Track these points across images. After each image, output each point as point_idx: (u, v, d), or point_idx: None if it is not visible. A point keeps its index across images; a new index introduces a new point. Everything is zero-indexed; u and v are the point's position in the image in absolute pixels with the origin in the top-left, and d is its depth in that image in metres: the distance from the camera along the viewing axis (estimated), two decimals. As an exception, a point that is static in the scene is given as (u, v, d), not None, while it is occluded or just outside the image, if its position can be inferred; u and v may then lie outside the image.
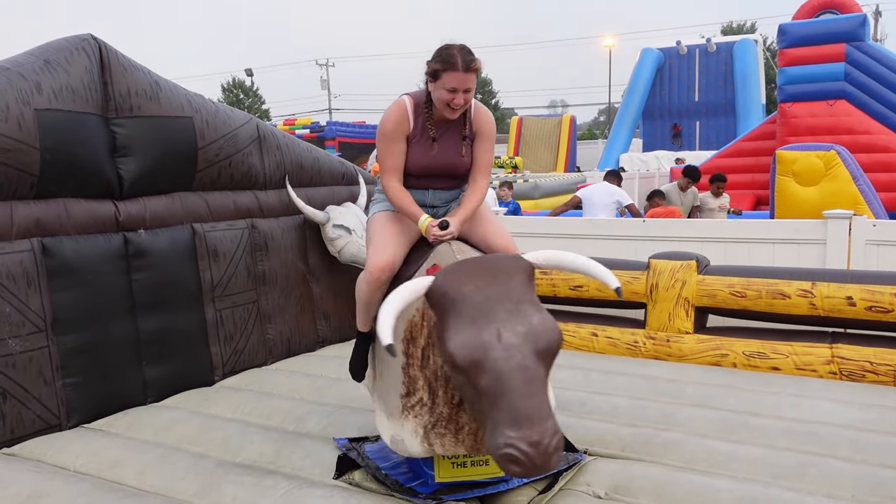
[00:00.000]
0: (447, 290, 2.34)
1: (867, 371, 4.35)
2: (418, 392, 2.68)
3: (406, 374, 2.71)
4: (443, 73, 2.89)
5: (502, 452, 2.10)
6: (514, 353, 2.17)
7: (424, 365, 2.66)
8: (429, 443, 2.66)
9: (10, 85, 3.55)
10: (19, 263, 3.57)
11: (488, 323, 2.23)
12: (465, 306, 2.28)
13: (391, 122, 3.01)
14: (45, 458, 3.37)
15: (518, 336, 2.21)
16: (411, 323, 2.70)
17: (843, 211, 5.74)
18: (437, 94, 2.94)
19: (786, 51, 12.67)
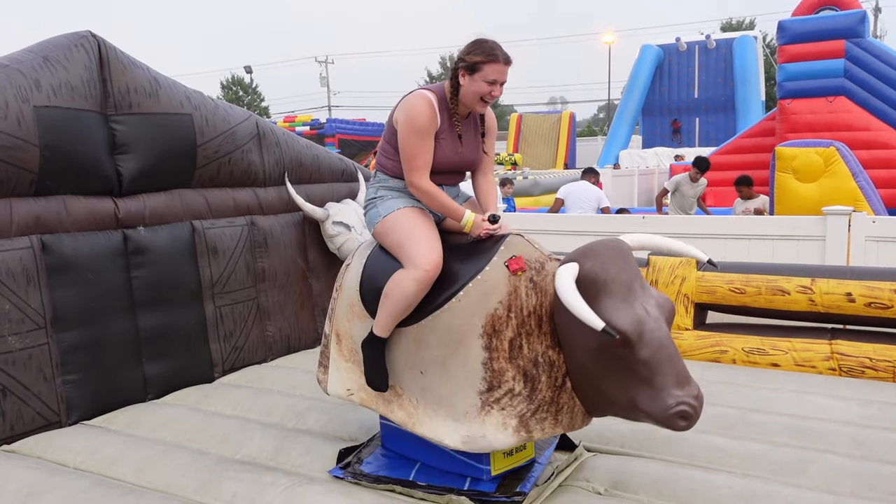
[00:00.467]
0: (598, 273, 2.55)
1: (866, 367, 4.35)
2: (506, 384, 2.69)
3: (489, 368, 2.69)
4: (484, 65, 2.87)
5: (676, 410, 2.42)
6: (662, 324, 2.50)
7: (515, 356, 2.69)
8: (527, 430, 2.69)
9: (10, 82, 3.55)
10: (19, 260, 3.57)
11: (635, 300, 2.52)
12: (616, 287, 2.53)
13: (425, 117, 2.89)
14: (45, 454, 3.38)
15: (656, 308, 2.52)
16: (493, 317, 2.69)
17: (842, 207, 5.74)
18: (475, 87, 2.90)
19: (785, 47, 12.65)
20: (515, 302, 2.70)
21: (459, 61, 2.92)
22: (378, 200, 3.09)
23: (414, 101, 2.93)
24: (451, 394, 2.79)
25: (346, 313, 3.13)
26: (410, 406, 2.92)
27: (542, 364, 2.70)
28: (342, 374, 3.17)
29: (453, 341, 2.75)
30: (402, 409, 2.95)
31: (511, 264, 2.73)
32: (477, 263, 2.80)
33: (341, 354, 3.17)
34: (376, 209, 3.07)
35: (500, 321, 2.69)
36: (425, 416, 2.87)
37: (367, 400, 3.09)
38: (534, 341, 2.70)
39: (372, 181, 3.20)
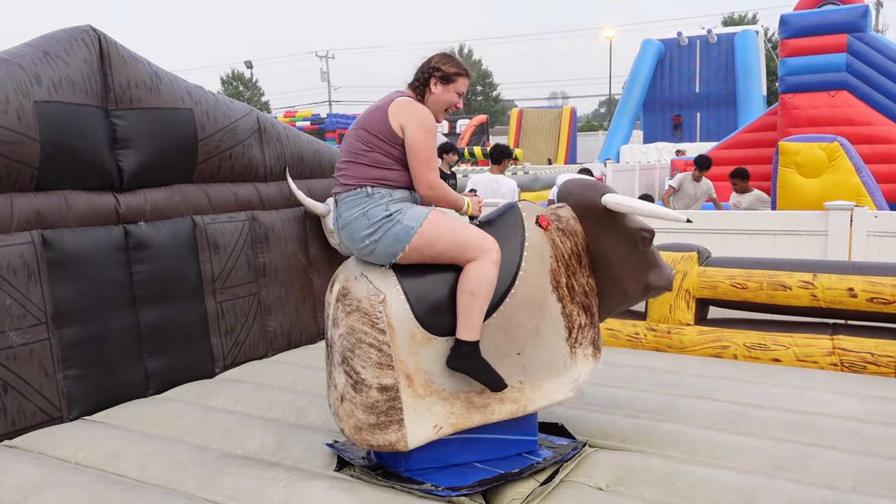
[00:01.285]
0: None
1: (868, 362, 4.35)
2: (576, 321, 3.12)
3: (565, 315, 3.08)
4: (458, 77, 3.06)
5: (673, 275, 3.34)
6: None
7: (573, 295, 3.12)
8: (599, 349, 3.19)
9: (10, 77, 3.54)
10: (20, 256, 3.56)
11: None
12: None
13: (433, 117, 3.01)
14: (46, 450, 3.38)
15: None
16: (553, 271, 3.06)
17: (844, 202, 5.73)
18: (447, 97, 3.06)
19: (787, 41, 12.61)
20: (558, 251, 3.09)
21: (435, 70, 3.03)
22: (397, 216, 2.91)
23: (417, 105, 2.99)
24: (550, 355, 3.06)
25: (408, 348, 2.89)
26: (515, 392, 3.01)
27: (589, 293, 3.18)
28: (424, 415, 2.90)
29: (538, 307, 3.02)
30: (505, 403, 2.99)
31: (542, 222, 3.10)
32: (515, 232, 3.07)
33: (416, 394, 2.90)
34: (401, 225, 2.88)
35: (557, 273, 3.07)
36: (533, 391, 3.03)
37: (458, 424, 2.94)
38: (579, 277, 3.15)
39: (369, 201, 2.94)
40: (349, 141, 3.04)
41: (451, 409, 2.94)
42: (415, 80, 3.08)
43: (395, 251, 2.89)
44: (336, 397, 2.96)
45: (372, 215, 2.91)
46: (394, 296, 2.89)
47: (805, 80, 12.48)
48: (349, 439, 2.93)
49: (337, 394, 2.95)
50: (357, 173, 2.96)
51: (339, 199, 3.02)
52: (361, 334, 2.86)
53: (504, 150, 8.43)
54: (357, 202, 2.94)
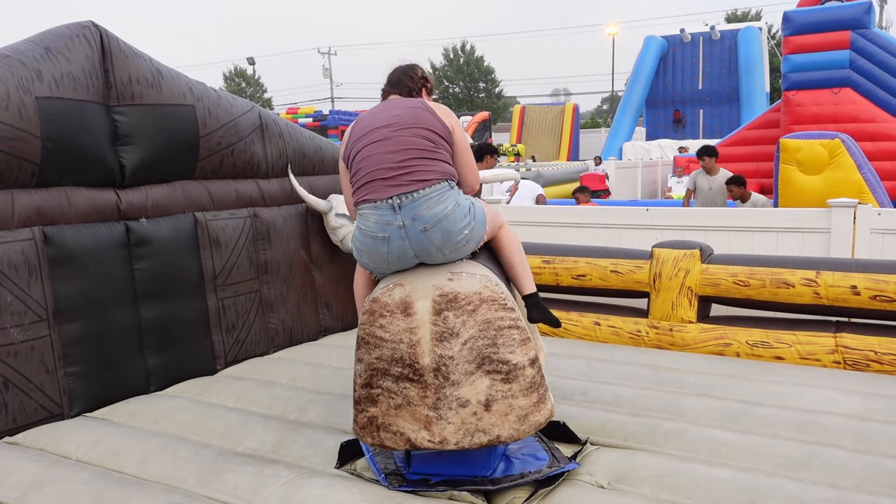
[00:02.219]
0: None
1: (871, 360, 4.34)
2: None
3: None
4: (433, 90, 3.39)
5: None
6: None
7: None
8: None
9: (11, 73, 3.53)
10: (20, 252, 3.56)
11: None
12: None
13: None
14: (47, 446, 3.38)
15: None
16: None
17: (847, 200, 5.71)
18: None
19: (790, 38, 12.58)
20: None
21: (426, 81, 3.33)
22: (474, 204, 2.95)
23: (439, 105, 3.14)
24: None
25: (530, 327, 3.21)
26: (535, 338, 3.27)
27: None
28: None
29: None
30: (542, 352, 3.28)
31: None
32: None
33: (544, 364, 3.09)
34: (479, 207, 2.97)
35: None
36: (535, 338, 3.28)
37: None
38: None
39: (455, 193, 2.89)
40: (407, 139, 2.88)
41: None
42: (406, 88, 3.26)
43: (481, 234, 2.95)
44: (469, 415, 2.72)
45: (463, 204, 2.88)
46: (494, 276, 2.84)
47: (808, 76, 12.45)
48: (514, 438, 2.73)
49: (470, 410, 2.71)
50: (435, 168, 2.87)
51: (410, 199, 2.79)
52: (499, 321, 2.73)
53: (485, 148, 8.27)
54: (446, 195, 2.84)
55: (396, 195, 2.79)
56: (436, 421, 2.73)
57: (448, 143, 2.98)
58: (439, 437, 2.73)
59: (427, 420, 2.74)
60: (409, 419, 2.77)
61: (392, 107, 3.05)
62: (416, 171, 2.83)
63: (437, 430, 2.74)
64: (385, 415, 2.79)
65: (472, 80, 60.29)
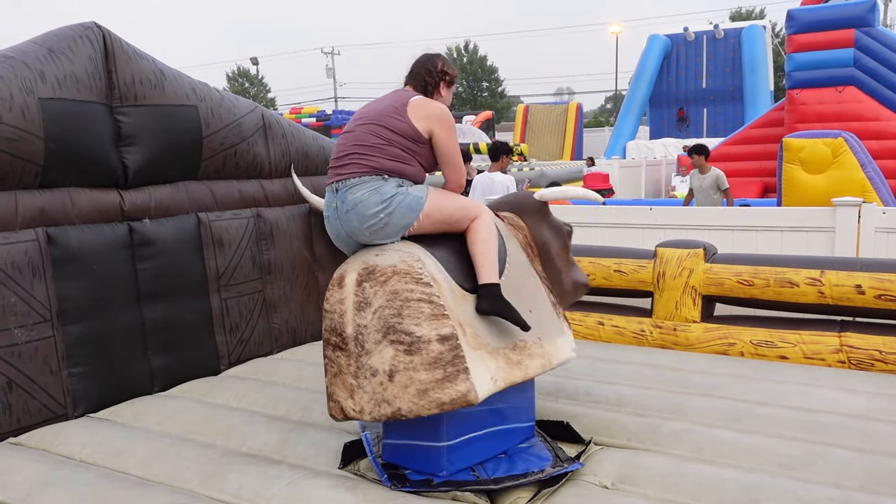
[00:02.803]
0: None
1: (876, 360, 4.33)
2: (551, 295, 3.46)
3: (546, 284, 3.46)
4: (454, 80, 3.41)
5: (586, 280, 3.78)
6: None
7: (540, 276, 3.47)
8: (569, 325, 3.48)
9: (14, 74, 3.53)
10: (24, 253, 3.56)
11: None
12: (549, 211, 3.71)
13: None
14: (51, 447, 3.38)
15: None
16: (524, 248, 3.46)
17: (852, 198, 5.70)
18: (447, 98, 3.35)
19: (794, 36, 12.56)
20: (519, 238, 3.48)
21: (444, 74, 3.30)
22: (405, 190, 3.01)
23: (442, 105, 3.20)
24: (550, 315, 3.33)
25: (452, 300, 2.88)
26: (537, 347, 3.11)
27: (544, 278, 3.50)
28: (480, 366, 2.82)
29: (529, 271, 3.38)
30: (533, 358, 3.06)
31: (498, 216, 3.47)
32: None
33: (470, 345, 2.83)
34: (412, 196, 2.99)
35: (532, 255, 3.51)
36: (551, 346, 3.20)
37: (505, 378, 2.89)
38: (536, 264, 3.49)
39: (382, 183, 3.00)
40: (357, 134, 3.10)
41: (497, 364, 2.89)
42: (422, 81, 3.24)
43: (409, 220, 2.99)
44: (377, 385, 2.76)
45: (384, 192, 2.98)
46: (423, 256, 2.92)
47: (812, 75, 12.43)
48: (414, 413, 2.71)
49: (378, 380, 2.75)
50: (371, 163, 3.02)
51: (343, 185, 3.05)
52: (407, 293, 2.78)
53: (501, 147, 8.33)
54: (368, 184, 3.00)
55: (336, 181, 3.11)
56: (356, 390, 2.83)
57: (412, 140, 3.08)
58: (359, 406, 2.82)
59: (351, 388, 2.85)
60: (341, 387, 2.89)
61: (378, 101, 3.25)
62: (353, 162, 3.06)
63: (357, 398, 2.82)
64: (330, 384, 2.94)
65: (475, 80, 60.30)
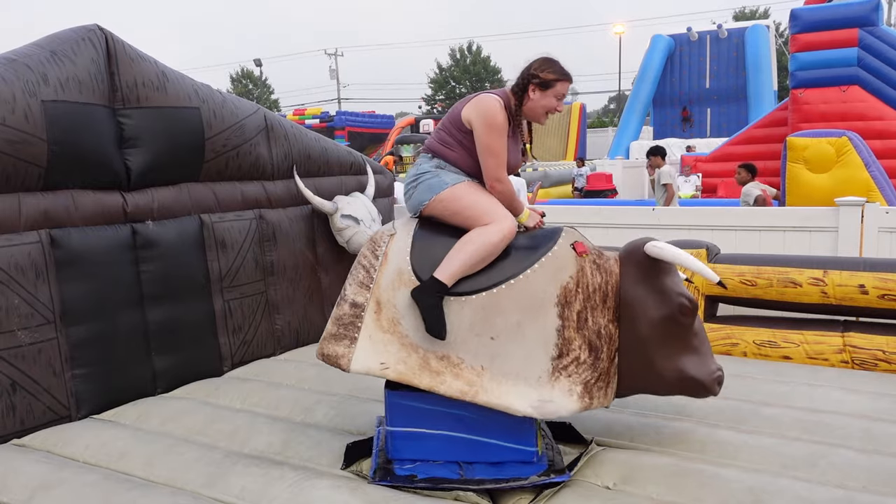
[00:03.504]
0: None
1: (879, 360, 4.31)
2: (573, 352, 2.97)
3: (561, 336, 2.96)
4: (557, 83, 3.17)
5: (717, 376, 3.04)
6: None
7: (582, 326, 2.99)
8: (590, 397, 2.96)
9: (17, 76, 3.54)
10: (27, 255, 3.57)
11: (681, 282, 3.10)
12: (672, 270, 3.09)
13: (503, 117, 3.11)
14: (54, 448, 3.39)
15: None
16: (565, 289, 2.98)
17: (855, 198, 5.68)
18: (546, 102, 3.18)
19: (798, 36, 12.52)
20: (583, 279, 3.01)
21: (532, 77, 3.15)
22: (440, 172, 3.21)
23: (491, 102, 3.12)
24: (523, 358, 2.95)
25: (392, 282, 3.07)
26: (473, 374, 2.95)
27: (604, 336, 3.01)
28: (377, 347, 3.02)
29: (532, 306, 2.97)
30: (459, 379, 2.95)
31: (577, 246, 3.08)
32: (545, 244, 3.09)
33: (380, 326, 3.05)
34: (438, 179, 3.17)
35: (570, 293, 2.98)
36: (492, 383, 2.94)
37: (405, 374, 2.97)
38: (598, 315, 3.02)
39: (423, 160, 3.29)
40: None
41: (406, 357, 2.99)
42: (515, 84, 3.25)
43: (424, 199, 3.18)
44: None
45: (420, 168, 3.27)
46: (404, 237, 3.16)
47: (816, 75, 12.38)
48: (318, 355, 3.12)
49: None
50: (428, 143, 3.32)
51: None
52: (361, 257, 3.18)
53: None
54: (419, 159, 3.32)
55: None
56: None
57: (457, 129, 3.22)
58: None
59: None
60: None
61: None
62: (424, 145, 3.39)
63: None
64: None
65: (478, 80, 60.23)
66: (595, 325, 3.00)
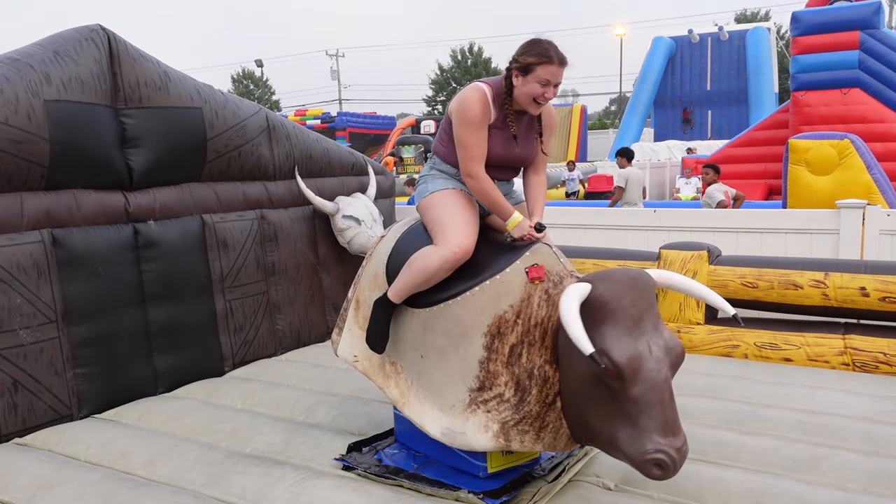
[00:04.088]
0: (609, 299, 2.43)
1: (880, 362, 4.31)
2: (497, 388, 2.66)
3: (484, 368, 2.67)
4: (537, 66, 2.85)
5: (651, 457, 2.30)
6: (662, 367, 2.37)
7: (512, 362, 2.64)
8: (506, 439, 2.62)
9: (20, 76, 3.55)
10: (29, 255, 3.58)
11: (641, 335, 2.39)
12: (625, 318, 2.40)
13: (478, 108, 2.89)
14: (56, 447, 3.40)
15: (661, 350, 2.39)
16: (501, 319, 2.65)
17: (856, 200, 5.68)
18: (527, 89, 2.88)
19: (799, 38, 12.54)
20: (526, 309, 2.65)
21: (513, 62, 2.90)
22: (429, 178, 3.18)
23: (467, 93, 2.93)
24: (442, 383, 2.79)
25: (369, 282, 3.22)
26: (405, 385, 2.99)
27: (536, 377, 2.62)
28: (353, 340, 3.27)
29: (457, 333, 2.74)
30: (397, 387, 3.03)
31: (531, 271, 2.69)
32: (499, 264, 2.76)
33: (356, 321, 3.27)
34: (426, 185, 3.16)
35: (506, 324, 2.65)
36: (415, 399, 2.91)
37: (368, 370, 3.18)
38: (534, 353, 2.63)
39: (428, 161, 3.29)
40: None
41: (371, 355, 3.18)
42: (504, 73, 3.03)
43: (416, 204, 3.20)
44: None
45: (422, 172, 3.27)
46: (390, 240, 3.22)
47: (817, 77, 12.40)
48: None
49: None
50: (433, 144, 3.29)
51: None
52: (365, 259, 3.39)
53: None
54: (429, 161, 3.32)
55: None
56: None
57: (448, 123, 3.08)
58: None
59: None
60: None
61: None
62: None
63: None
64: None
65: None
66: (529, 364, 2.63)
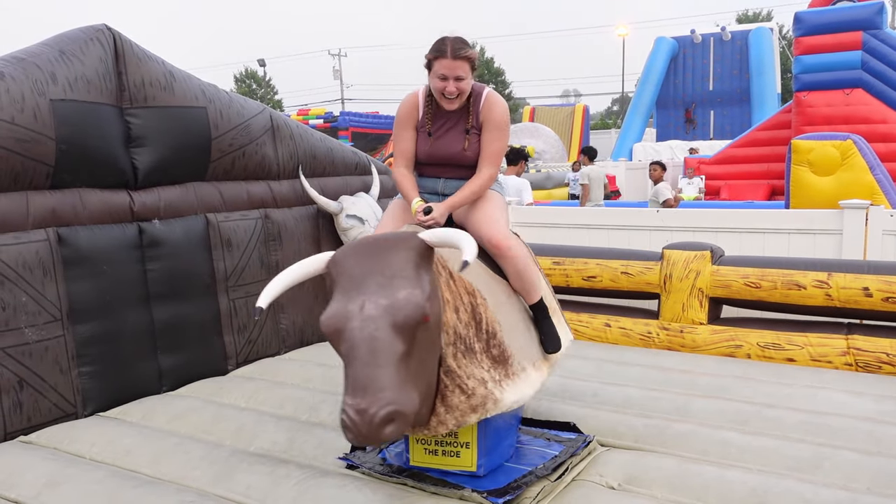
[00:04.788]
0: (336, 263, 2.49)
1: (883, 362, 4.32)
2: None
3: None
4: (434, 61, 3.03)
5: (340, 417, 2.20)
6: (369, 324, 2.27)
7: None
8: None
9: (26, 75, 3.56)
10: (35, 253, 3.59)
11: (358, 295, 2.35)
12: (345, 279, 2.42)
13: (402, 109, 3.19)
14: (61, 445, 3.41)
15: (378, 308, 2.30)
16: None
17: (859, 201, 5.69)
18: (432, 84, 3.07)
19: (802, 39, 12.53)
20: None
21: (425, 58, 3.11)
22: None
23: (405, 97, 3.22)
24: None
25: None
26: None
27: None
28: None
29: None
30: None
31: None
32: None
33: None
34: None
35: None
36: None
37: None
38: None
39: None
40: None
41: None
42: None
43: None
44: None
45: None
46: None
47: (820, 77, 12.40)
48: None
49: None
50: None
51: None
52: None
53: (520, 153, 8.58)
54: None
55: None
56: None
57: None
58: None
59: None
60: None
61: None
62: None
63: None
64: None
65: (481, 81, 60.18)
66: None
